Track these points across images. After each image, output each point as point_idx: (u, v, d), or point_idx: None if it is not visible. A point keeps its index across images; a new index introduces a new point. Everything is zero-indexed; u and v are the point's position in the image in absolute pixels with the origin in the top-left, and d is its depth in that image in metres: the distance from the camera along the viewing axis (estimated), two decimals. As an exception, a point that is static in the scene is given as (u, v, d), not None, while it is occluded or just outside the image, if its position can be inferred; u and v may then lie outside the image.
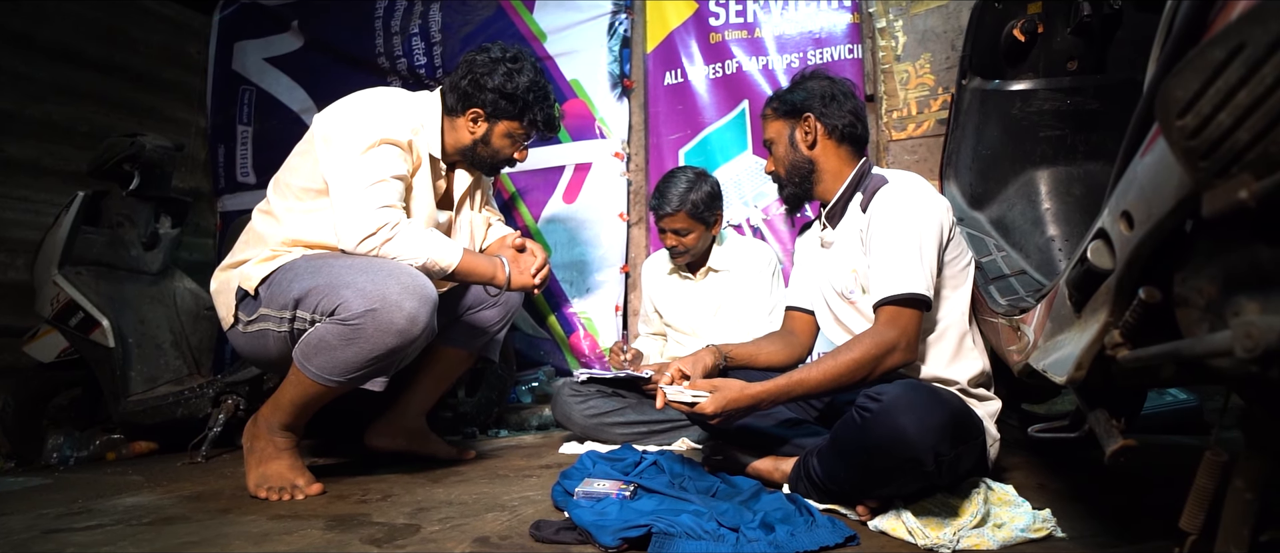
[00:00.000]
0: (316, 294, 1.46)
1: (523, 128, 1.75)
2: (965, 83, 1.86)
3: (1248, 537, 0.64)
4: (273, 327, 1.53)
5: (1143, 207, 0.64)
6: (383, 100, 1.65)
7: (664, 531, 1.08)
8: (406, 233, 1.55)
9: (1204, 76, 0.47)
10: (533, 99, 1.73)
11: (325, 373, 1.46)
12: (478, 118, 1.72)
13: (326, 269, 1.48)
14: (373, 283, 1.43)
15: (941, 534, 1.11)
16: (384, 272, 1.46)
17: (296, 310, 1.49)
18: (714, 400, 1.26)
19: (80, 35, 3.11)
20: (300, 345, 1.48)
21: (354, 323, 1.42)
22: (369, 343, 1.43)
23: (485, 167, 1.80)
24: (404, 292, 1.44)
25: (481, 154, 1.76)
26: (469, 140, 1.74)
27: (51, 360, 2.43)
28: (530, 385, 2.77)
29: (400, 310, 1.43)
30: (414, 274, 1.49)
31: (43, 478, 2.00)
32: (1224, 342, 0.51)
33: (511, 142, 1.76)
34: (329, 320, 1.45)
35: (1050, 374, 0.88)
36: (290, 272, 1.53)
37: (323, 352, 1.45)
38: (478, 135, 1.73)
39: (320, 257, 1.55)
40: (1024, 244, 1.71)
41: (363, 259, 1.51)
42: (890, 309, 1.31)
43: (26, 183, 2.85)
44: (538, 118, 1.75)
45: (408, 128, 1.64)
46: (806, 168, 1.52)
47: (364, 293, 1.42)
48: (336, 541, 1.19)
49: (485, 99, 1.70)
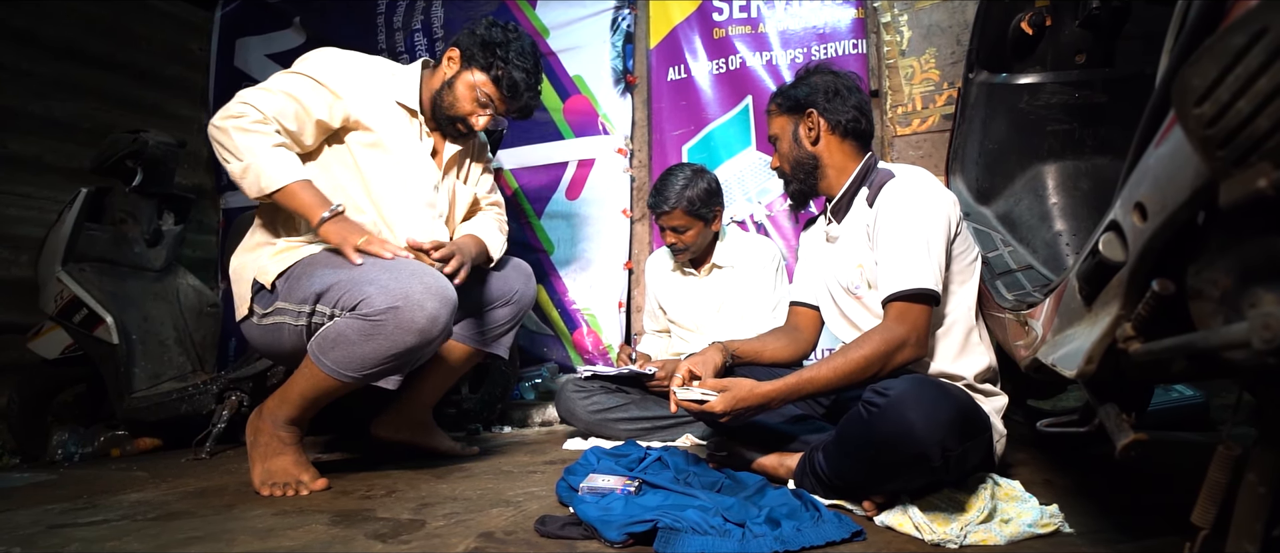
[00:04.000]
0: (339, 289, 1.46)
1: (489, 80, 1.70)
2: (972, 77, 1.85)
3: (1261, 532, 0.63)
4: (289, 320, 1.52)
5: (1157, 198, 0.63)
6: (336, 53, 1.67)
7: (669, 526, 1.08)
8: (254, 131, 1.51)
9: (1223, 63, 0.46)
10: (512, 60, 1.69)
11: (341, 367, 1.46)
12: (453, 59, 1.72)
13: (349, 265, 1.48)
14: (397, 281, 1.43)
15: (948, 530, 1.10)
16: (407, 272, 1.46)
17: (317, 304, 1.49)
18: (724, 400, 1.26)
19: (83, 32, 3.11)
20: (317, 339, 1.48)
21: (376, 319, 1.42)
22: (388, 340, 1.43)
23: (442, 118, 1.73)
24: (427, 292, 1.44)
25: (443, 100, 1.71)
26: (438, 84, 1.72)
27: (56, 357, 2.44)
28: (534, 382, 2.77)
29: (422, 310, 1.42)
30: (435, 274, 1.49)
31: (48, 474, 2.00)
32: (1241, 334, 0.50)
33: (472, 96, 1.70)
34: (350, 315, 1.44)
35: (1059, 368, 0.88)
36: (311, 266, 1.53)
37: (341, 346, 1.45)
38: (447, 77, 1.71)
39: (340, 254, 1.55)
40: (1031, 239, 1.70)
41: (387, 259, 1.50)
42: (899, 305, 1.30)
43: (29, 180, 2.86)
44: (505, 80, 1.69)
45: (352, 78, 1.63)
46: (811, 164, 1.51)
47: (387, 290, 1.42)
48: (341, 536, 1.19)
49: (466, 42, 1.70)
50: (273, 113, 1.55)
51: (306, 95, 1.59)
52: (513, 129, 2.97)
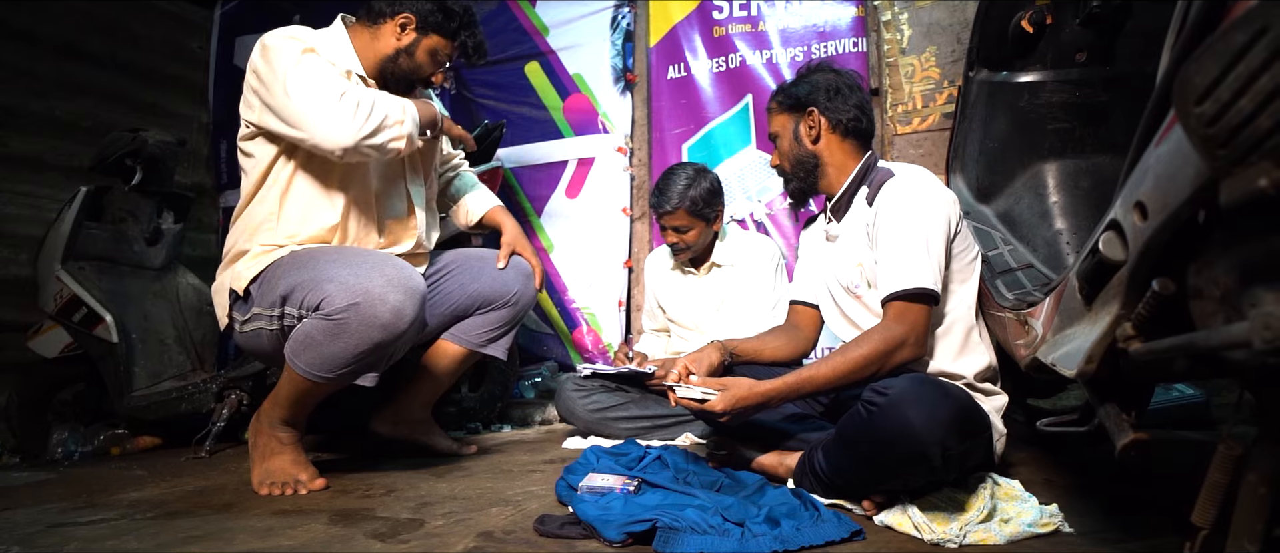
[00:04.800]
0: (301, 290, 1.44)
1: (453, 47, 1.71)
2: (972, 75, 1.85)
3: (1261, 532, 0.63)
4: (264, 325, 1.52)
5: (1157, 197, 0.63)
6: (281, 30, 1.63)
7: (669, 525, 1.07)
8: (382, 100, 1.52)
9: (1224, 61, 0.46)
10: (468, 20, 1.71)
11: (313, 369, 1.45)
12: (407, 25, 1.67)
13: (311, 263, 1.46)
14: (355, 276, 1.40)
15: (948, 529, 1.10)
16: (367, 264, 1.43)
17: (284, 307, 1.48)
18: (723, 399, 1.26)
19: (83, 31, 3.11)
20: (290, 342, 1.47)
21: (337, 318, 1.40)
22: (354, 337, 1.41)
23: (402, 81, 1.70)
24: (388, 284, 1.41)
25: (402, 66, 1.68)
26: (391, 49, 1.67)
27: (55, 356, 2.44)
28: (533, 381, 2.77)
29: (384, 303, 1.40)
30: (399, 265, 1.45)
31: (47, 473, 2.00)
32: (1242, 333, 0.50)
33: (433, 59, 1.70)
34: (314, 315, 1.43)
35: (1059, 368, 0.88)
36: (277, 269, 1.52)
37: (310, 348, 1.44)
38: (403, 45, 1.67)
39: (307, 251, 1.54)
40: (1031, 238, 1.69)
41: (346, 251, 1.48)
42: (899, 304, 1.30)
43: (29, 178, 2.86)
44: (469, 43, 1.71)
45: (316, 44, 1.60)
46: (811, 162, 1.51)
47: (346, 286, 1.39)
48: (340, 535, 1.18)
49: (418, 7, 1.66)
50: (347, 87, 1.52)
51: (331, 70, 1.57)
52: (512, 128, 2.97)
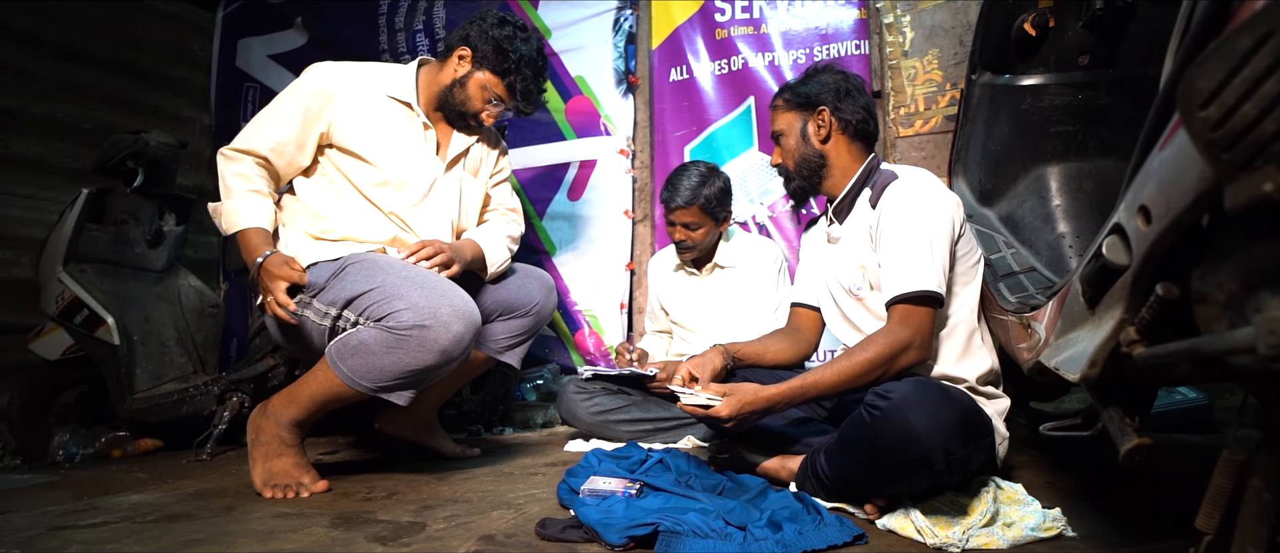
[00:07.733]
0: (368, 298, 1.47)
1: (503, 86, 1.74)
2: (975, 78, 1.85)
3: (1266, 537, 0.63)
4: (314, 318, 1.53)
5: (1161, 201, 0.62)
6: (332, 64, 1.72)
7: (671, 529, 1.07)
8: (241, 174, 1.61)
9: (1229, 66, 0.46)
10: (524, 66, 1.73)
11: (357, 376, 1.46)
12: (464, 58, 1.73)
13: (382, 276, 1.49)
14: (427, 300, 1.43)
15: (950, 533, 1.10)
16: (438, 291, 1.46)
17: (344, 310, 1.50)
18: (729, 404, 1.26)
19: (85, 33, 3.11)
20: (337, 344, 1.48)
21: (401, 333, 1.42)
22: (410, 356, 1.43)
23: (454, 114, 1.76)
24: (455, 314, 1.44)
25: (454, 96, 1.74)
26: (449, 80, 1.74)
27: (57, 358, 2.43)
28: (535, 383, 2.77)
29: (448, 331, 1.43)
30: (465, 298, 1.49)
31: (48, 475, 2.00)
32: (1246, 338, 0.50)
33: (484, 96, 1.74)
34: (375, 325, 1.44)
35: (1062, 372, 0.87)
36: (346, 268, 1.54)
37: (361, 355, 1.45)
38: (458, 75, 1.73)
39: (373, 260, 1.55)
40: (1034, 241, 1.69)
41: (415, 271, 1.52)
42: (903, 308, 1.30)
43: (31, 180, 2.86)
44: (518, 86, 1.74)
45: (345, 80, 1.67)
46: (817, 162, 1.51)
47: (417, 308, 1.42)
48: (342, 538, 1.18)
49: (479, 44, 1.71)
50: (272, 145, 1.63)
51: (309, 111, 1.64)
52: (514, 129, 2.97)
